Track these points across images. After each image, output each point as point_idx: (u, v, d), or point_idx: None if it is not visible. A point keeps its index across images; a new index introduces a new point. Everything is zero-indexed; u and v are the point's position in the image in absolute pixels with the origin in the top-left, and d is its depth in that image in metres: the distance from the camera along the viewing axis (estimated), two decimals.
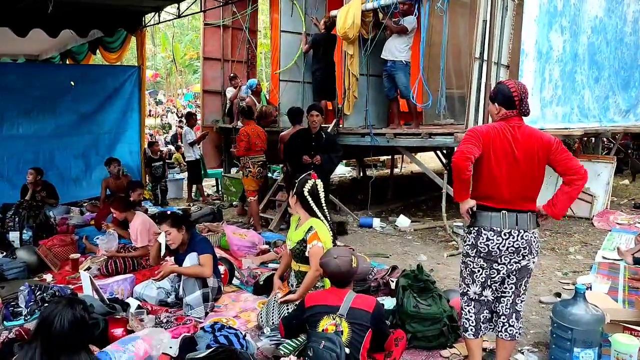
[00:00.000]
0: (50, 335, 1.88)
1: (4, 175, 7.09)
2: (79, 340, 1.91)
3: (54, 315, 1.91)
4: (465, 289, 2.74)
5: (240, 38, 9.36)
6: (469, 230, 2.67)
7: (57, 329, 1.88)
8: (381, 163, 13.20)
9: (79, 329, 1.92)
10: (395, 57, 6.20)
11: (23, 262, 4.47)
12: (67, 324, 1.89)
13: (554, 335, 2.89)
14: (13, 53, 10.05)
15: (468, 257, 2.68)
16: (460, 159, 2.43)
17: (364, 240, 5.90)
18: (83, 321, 1.95)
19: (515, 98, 2.50)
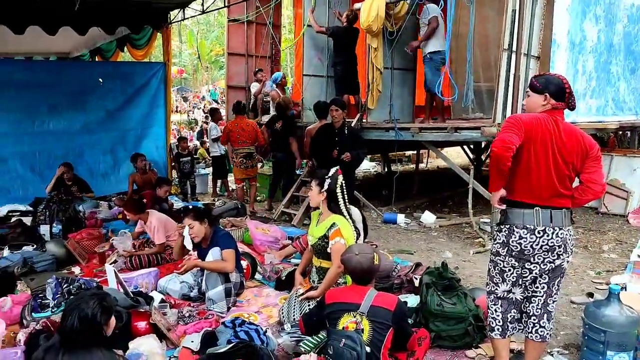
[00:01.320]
0: (64, 330, 1.90)
1: (35, 170, 7.28)
2: (90, 337, 1.91)
3: (71, 310, 1.93)
4: (493, 288, 2.65)
5: (264, 33, 9.36)
6: (499, 228, 2.57)
7: (68, 325, 1.90)
8: (406, 158, 13.02)
9: (89, 327, 1.93)
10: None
11: (52, 255, 4.59)
12: (78, 321, 1.91)
13: (586, 338, 2.77)
14: (45, 51, 10.30)
15: (498, 256, 2.58)
16: (501, 148, 2.30)
17: (388, 236, 5.82)
18: (93, 319, 1.94)
19: (566, 90, 2.43)
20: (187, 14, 8.21)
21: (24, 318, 3.30)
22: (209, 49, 27.71)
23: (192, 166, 8.45)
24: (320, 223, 3.42)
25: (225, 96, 10.08)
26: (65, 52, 10.59)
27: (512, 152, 2.31)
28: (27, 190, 7.05)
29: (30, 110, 7.15)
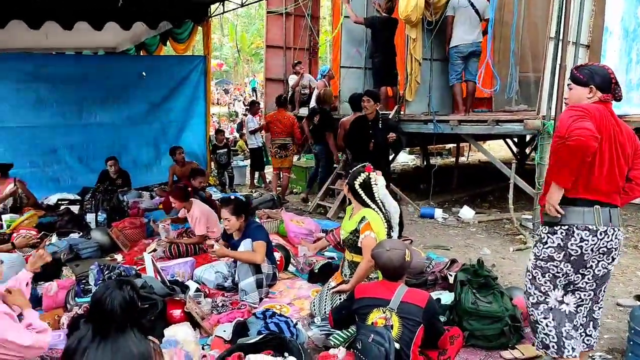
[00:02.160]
0: (102, 314, 1.97)
1: (83, 161, 7.61)
2: (127, 319, 1.98)
3: (105, 296, 2.00)
4: (541, 298, 2.41)
5: (303, 25, 9.34)
6: (553, 229, 2.34)
7: (107, 308, 1.97)
8: (447, 151, 12.73)
9: (127, 309, 2.00)
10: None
11: (97, 243, 4.76)
12: (117, 304, 1.97)
13: (631, 342, 2.62)
14: (93, 46, 10.72)
15: (551, 262, 2.35)
16: (589, 138, 2.07)
17: (424, 231, 5.72)
18: (132, 302, 2.02)
19: (612, 80, 2.30)
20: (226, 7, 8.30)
21: (68, 302, 3.46)
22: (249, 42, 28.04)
23: (228, 158, 8.58)
24: (352, 217, 3.39)
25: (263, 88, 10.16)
26: (112, 47, 10.98)
27: (598, 142, 2.14)
28: (76, 180, 7.38)
29: (79, 103, 7.46)
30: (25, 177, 6.17)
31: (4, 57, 7.20)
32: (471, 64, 6.12)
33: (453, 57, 6.18)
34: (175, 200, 4.90)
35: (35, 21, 6.66)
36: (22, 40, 7.85)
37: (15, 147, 7.00)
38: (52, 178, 7.34)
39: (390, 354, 2.32)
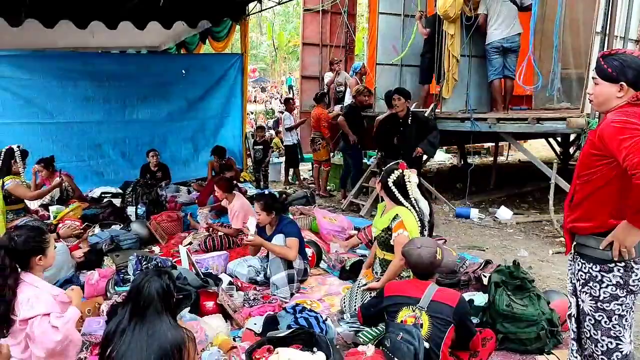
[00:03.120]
0: (140, 298, 2.05)
1: (125, 155, 7.90)
2: (163, 306, 2.06)
3: (144, 282, 2.08)
4: (614, 345, 2.07)
5: (339, 22, 9.33)
6: (607, 267, 2.02)
7: (145, 293, 2.06)
8: (485, 150, 12.42)
9: (163, 296, 2.07)
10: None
11: (136, 234, 4.93)
12: (154, 290, 2.06)
13: None
14: (137, 45, 11.10)
15: (615, 301, 2.03)
16: None
17: (459, 231, 5.60)
18: (168, 290, 2.10)
19: None
20: (264, 6, 8.40)
21: (108, 291, 3.61)
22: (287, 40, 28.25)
23: (264, 155, 8.68)
24: (384, 215, 3.38)
25: (299, 86, 10.23)
26: (155, 46, 11.33)
27: None
28: (118, 174, 7.68)
29: (122, 100, 7.75)
30: (71, 171, 6.46)
31: (54, 55, 7.57)
32: (509, 60, 5.96)
33: (489, 53, 6.11)
34: (219, 190, 5.04)
35: (82, 21, 6.96)
36: (71, 39, 8.22)
37: (63, 142, 7.35)
38: (96, 172, 7.66)
39: (420, 352, 2.29)
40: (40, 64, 7.03)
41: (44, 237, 2.40)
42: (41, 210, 5.66)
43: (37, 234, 2.38)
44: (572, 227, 2.15)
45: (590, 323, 2.13)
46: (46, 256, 2.38)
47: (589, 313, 2.13)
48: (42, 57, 7.21)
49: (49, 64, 7.11)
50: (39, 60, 7.08)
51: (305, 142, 9.07)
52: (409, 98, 5.62)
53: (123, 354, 1.97)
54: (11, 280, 2.21)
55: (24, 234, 2.34)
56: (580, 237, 2.11)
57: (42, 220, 5.09)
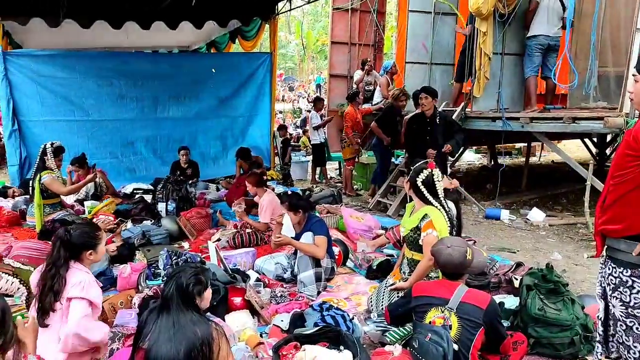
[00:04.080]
0: (165, 294, 2.08)
1: (157, 153, 8.07)
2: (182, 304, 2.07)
3: (170, 279, 2.12)
4: None
5: (369, 21, 9.27)
6: (638, 271, 1.96)
7: (166, 290, 2.09)
8: (516, 151, 12.14)
9: (183, 295, 2.08)
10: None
11: (166, 230, 5.03)
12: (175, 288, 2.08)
13: None
14: (168, 45, 11.32)
15: None
16: None
17: (489, 232, 5.49)
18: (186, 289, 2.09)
19: None
20: (293, 5, 8.43)
21: (140, 284, 3.69)
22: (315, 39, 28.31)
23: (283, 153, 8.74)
24: (413, 214, 3.34)
25: (327, 84, 10.22)
26: (186, 46, 11.54)
27: None
28: (149, 171, 7.85)
29: (154, 98, 7.92)
30: (105, 167, 6.65)
31: (90, 55, 7.79)
32: (550, 59, 5.81)
33: (531, 49, 5.92)
34: (249, 185, 5.14)
35: (117, 22, 7.16)
36: (106, 39, 8.45)
37: (98, 139, 7.57)
38: (128, 168, 7.86)
39: (448, 354, 2.26)
40: (77, 63, 7.25)
41: (97, 233, 2.47)
42: (76, 205, 5.84)
43: (91, 230, 2.45)
44: (602, 230, 2.09)
45: (621, 329, 2.08)
46: (96, 252, 2.45)
47: (619, 318, 2.07)
48: (79, 57, 7.43)
49: (85, 63, 7.33)
50: (77, 60, 7.30)
51: (332, 141, 9.07)
52: (436, 97, 5.54)
53: (153, 345, 2.00)
54: (63, 270, 2.29)
55: (79, 228, 2.41)
56: (611, 240, 2.06)
57: (77, 215, 5.26)
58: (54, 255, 2.33)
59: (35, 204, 4.83)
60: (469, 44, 6.52)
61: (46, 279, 2.29)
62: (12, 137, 6.89)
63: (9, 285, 2.89)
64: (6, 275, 2.91)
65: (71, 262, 2.37)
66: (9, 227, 5.28)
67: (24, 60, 6.87)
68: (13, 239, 4.68)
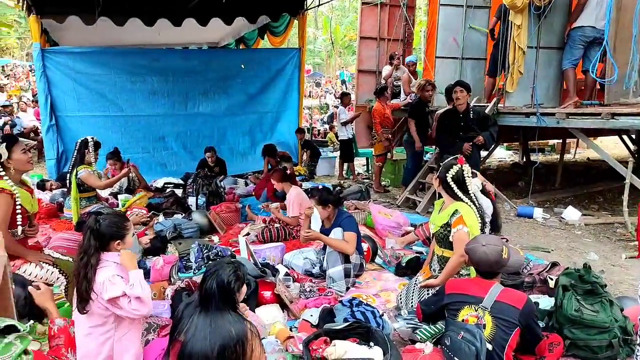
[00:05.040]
0: (204, 292, 2.11)
1: (187, 148, 8.20)
2: (223, 300, 2.10)
3: (210, 274, 2.14)
4: None
5: (398, 16, 9.16)
6: None
7: (207, 287, 2.11)
8: (550, 147, 11.82)
9: (223, 291, 2.10)
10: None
11: (197, 224, 5.11)
12: (215, 285, 2.10)
13: None
14: (198, 41, 11.49)
15: None
16: None
17: (522, 231, 5.37)
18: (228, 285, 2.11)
19: None
20: (322, 0, 8.41)
21: (172, 276, 3.76)
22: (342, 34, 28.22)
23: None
24: (442, 211, 3.29)
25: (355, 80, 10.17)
26: (215, 42, 11.67)
27: None
28: (180, 166, 8.00)
29: (184, 94, 8.06)
30: (137, 162, 6.80)
31: (123, 52, 7.98)
32: (592, 52, 5.60)
33: (575, 40, 5.69)
34: (274, 181, 5.23)
35: (149, 19, 7.30)
36: (139, 37, 8.64)
37: (131, 134, 7.75)
38: (160, 163, 8.02)
39: (482, 354, 2.22)
40: (111, 60, 7.44)
41: (126, 224, 2.52)
42: (111, 199, 6.00)
43: (120, 221, 2.50)
44: None
45: None
46: (124, 242, 2.50)
47: None
48: (114, 54, 7.62)
49: (119, 60, 7.51)
50: (111, 57, 7.49)
51: (360, 136, 9.03)
52: (470, 91, 5.43)
53: (189, 339, 2.04)
54: (94, 259, 2.35)
55: (108, 218, 2.46)
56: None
57: (112, 208, 5.40)
58: (84, 245, 2.39)
59: (72, 197, 4.97)
60: (502, 38, 6.36)
61: (79, 268, 2.36)
62: (50, 131, 7.12)
63: (49, 274, 2.99)
64: (47, 265, 3.01)
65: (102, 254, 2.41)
66: (47, 218, 5.48)
67: (61, 57, 7.08)
68: (51, 231, 4.85)
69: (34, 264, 2.97)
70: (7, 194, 2.78)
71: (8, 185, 2.80)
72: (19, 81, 22.82)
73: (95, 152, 5.16)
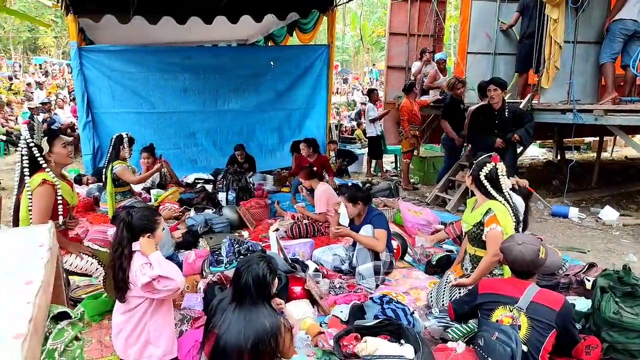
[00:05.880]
0: (238, 286, 2.14)
1: (217, 144, 8.31)
2: (258, 294, 2.13)
3: (243, 269, 2.17)
4: None
5: (428, 11, 9.04)
6: None
7: (242, 282, 2.14)
8: (585, 145, 11.46)
9: (259, 285, 2.14)
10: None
11: (227, 219, 5.18)
12: (251, 279, 2.13)
13: None
14: (227, 39, 11.62)
15: None
16: None
17: (556, 231, 5.23)
18: (264, 279, 2.16)
19: None
20: None
21: (204, 270, 3.83)
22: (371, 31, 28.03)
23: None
24: (475, 209, 3.23)
25: (384, 77, 10.08)
26: (244, 39, 11.77)
27: None
28: (210, 162, 8.11)
29: (215, 91, 8.15)
30: (168, 157, 6.94)
31: (156, 50, 8.13)
32: (632, 47, 5.41)
33: (615, 33, 5.51)
34: (302, 178, 5.28)
35: (181, 18, 7.42)
36: (171, 35, 8.79)
37: (162, 130, 7.90)
38: (190, 159, 8.15)
39: (517, 355, 2.17)
40: (145, 58, 7.59)
41: (156, 218, 2.59)
42: (144, 193, 6.14)
43: (151, 214, 2.57)
44: None
45: None
46: (154, 236, 2.57)
47: None
48: (147, 52, 7.77)
49: (152, 57, 7.66)
50: (144, 55, 7.64)
51: (388, 133, 8.97)
52: (505, 88, 5.32)
53: (223, 332, 2.08)
54: (127, 251, 2.43)
55: (140, 212, 2.54)
56: None
57: (145, 202, 5.53)
58: (118, 237, 2.49)
59: (108, 191, 5.12)
60: (529, 33, 6.19)
61: (114, 259, 2.45)
62: (86, 128, 7.34)
63: (89, 265, 3.10)
64: (86, 256, 3.11)
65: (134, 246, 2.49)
66: (84, 212, 5.65)
67: (97, 56, 7.27)
68: (88, 224, 5.00)
69: (74, 254, 3.08)
70: (49, 185, 2.88)
71: (50, 177, 2.91)
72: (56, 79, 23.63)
73: (130, 147, 5.30)
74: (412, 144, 7.53)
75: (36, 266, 0.91)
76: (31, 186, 2.84)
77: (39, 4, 19.76)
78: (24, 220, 2.90)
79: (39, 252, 0.97)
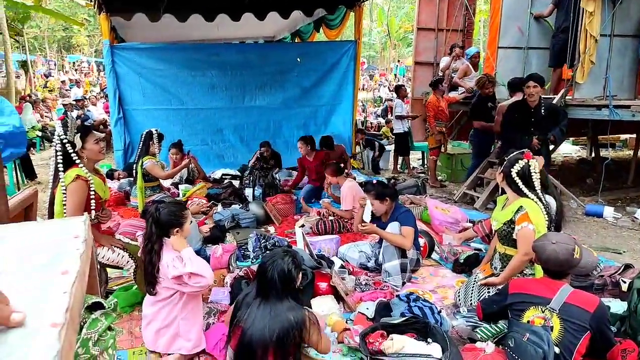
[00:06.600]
0: (263, 281, 2.16)
1: (244, 140, 8.38)
2: (284, 288, 2.14)
3: (268, 264, 2.18)
4: None
5: (457, 5, 8.87)
6: None
7: (267, 277, 2.15)
8: (621, 143, 11.05)
9: (284, 279, 2.16)
10: None
11: (253, 214, 5.23)
12: (276, 274, 2.15)
13: None
14: (254, 36, 11.69)
15: None
16: None
17: (590, 230, 5.07)
18: (289, 274, 2.17)
19: None
20: None
21: (231, 264, 3.88)
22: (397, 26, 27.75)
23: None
24: (506, 207, 3.16)
25: (412, 72, 9.96)
26: (271, 36, 11.81)
27: None
28: (237, 158, 8.19)
29: (242, 88, 8.20)
30: (196, 153, 7.01)
31: (185, 47, 8.24)
32: None
33: None
34: (328, 175, 5.26)
35: (210, 15, 7.50)
36: (200, 32, 8.89)
37: (190, 127, 8.02)
38: (217, 155, 8.25)
39: (549, 357, 2.11)
40: (174, 55, 7.71)
41: (184, 212, 2.63)
42: (172, 189, 6.26)
43: (178, 209, 2.62)
44: None
45: None
46: (182, 230, 2.61)
47: None
48: (176, 49, 7.89)
49: (181, 55, 7.77)
50: (173, 52, 7.76)
51: (415, 130, 8.86)
52: (544, 85, 5.15)
53: (249, 327, 2.10)
54: (157, 245, 2.48)
55: (167, 207, 2.59)
56: None
57: (173, 197, 5.63)
58: (147, 232, 2.54)
59: (138, 186, 5.23)
60: (563, 26, 5.99)
61: (145, 254, 2.51)
62: (118, 124, 7.51)
63: (120, 258, 3.17)
64: (118, 249, 3.19)
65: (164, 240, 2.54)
66: (115, 206, 5.80)
67: (128, 53, 7.43)
68: (120, 217, 5.13)
69: (106, 247, 3.16)
70: (82, 180, 2.96)
71: (83, 172, 2.98)
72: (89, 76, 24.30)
73: (159, 143, 5.40)
74: (439, 140, 7.41)
75: (72, 257, 0.93)
76: (65, 181, 2.92)
77: (73, 3, 20.34)
78: (58, 214, 2.99)
79: (74, 243, 0.99)
